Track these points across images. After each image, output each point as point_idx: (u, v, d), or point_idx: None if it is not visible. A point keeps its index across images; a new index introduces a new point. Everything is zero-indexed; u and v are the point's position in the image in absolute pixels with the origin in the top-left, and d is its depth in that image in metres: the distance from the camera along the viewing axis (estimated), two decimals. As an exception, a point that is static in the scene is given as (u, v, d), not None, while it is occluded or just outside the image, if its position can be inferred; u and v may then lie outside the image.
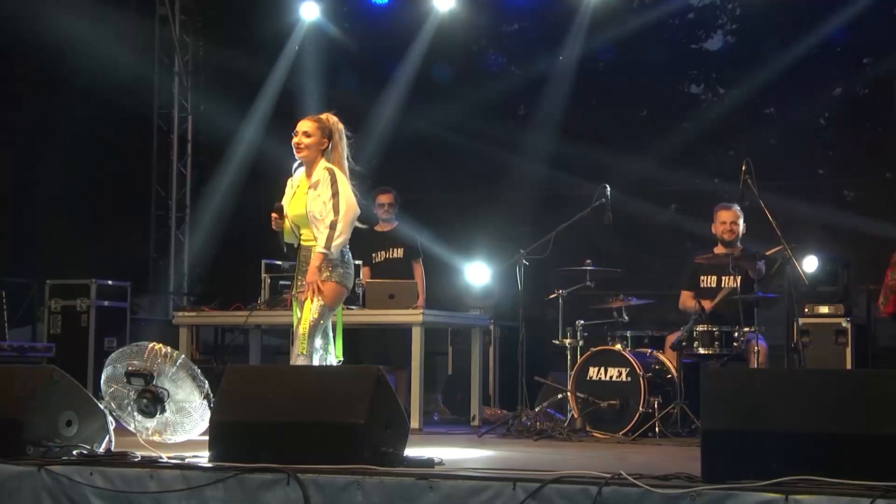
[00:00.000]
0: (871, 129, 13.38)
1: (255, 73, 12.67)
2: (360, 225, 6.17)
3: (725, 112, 13.52)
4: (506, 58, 14.71)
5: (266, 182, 6.64)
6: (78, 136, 12.40)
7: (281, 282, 8.52)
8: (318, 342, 6.00)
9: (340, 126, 6.16)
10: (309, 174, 6.10)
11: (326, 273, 5.97)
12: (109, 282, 10.40)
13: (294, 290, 6.17)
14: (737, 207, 8.14)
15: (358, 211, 6.03)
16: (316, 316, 5.94)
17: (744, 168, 7.40)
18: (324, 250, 5.93)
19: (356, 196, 6.04)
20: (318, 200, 5.98)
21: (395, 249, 9.01)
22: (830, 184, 13.48)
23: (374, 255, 8.96)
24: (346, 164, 6.11)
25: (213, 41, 12.61)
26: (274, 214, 6.09)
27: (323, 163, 6.07)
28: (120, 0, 11.86)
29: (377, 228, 8.88)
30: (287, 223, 6.10)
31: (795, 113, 12.92)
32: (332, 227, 5.93)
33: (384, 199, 9.01)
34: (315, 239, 6.00)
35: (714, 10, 13.98)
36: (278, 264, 8.72)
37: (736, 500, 3.98)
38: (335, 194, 5.94)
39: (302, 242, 6.12)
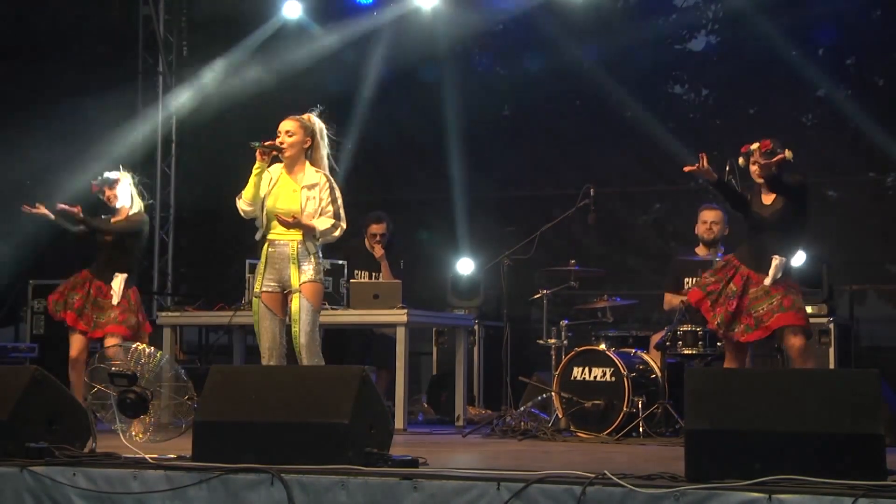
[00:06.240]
0: (855, 130, 13.42)
1: (238, 73, 12.64)
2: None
3: (709, 113, 13.55)
4: (490, 58, 14.70)
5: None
6: (61, 135, 12.34)
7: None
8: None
9: (322, 126, 6.21)
10: (291, 171, 6.14)
11: (309, 273, 6.03)
12: (92, 282, 10.33)
13: (258, 287, 6.11)
14: (720, 208, 8.17)
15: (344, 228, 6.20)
16: (309, 325, 5.99)
17: (728, 169, 7.41)
18: (319, 228, 6.04)
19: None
20: (314, 202, 6.08)
21: (378, 275, 8.88)
22: (813, 184, 13.51)
23: (357, 272, 8.74)
24: (326, 162, 6.21)
25: (197, 41, 12.56)
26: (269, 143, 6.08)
27: (308, 164, 6.15)
28: (103, -1, 11.84)
29: (367, 247, 8.80)
30: (257, 211, 6.14)
31: (778, 113, 12.95)
32: (334, 226, 6.08)
33: (377, 229, 8.87)
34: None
35: (697, 11, 14.00)
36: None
37: (719, 500, 3.99)
38: (334, 201, 6.10)
39: (271, 236, 6.13)
